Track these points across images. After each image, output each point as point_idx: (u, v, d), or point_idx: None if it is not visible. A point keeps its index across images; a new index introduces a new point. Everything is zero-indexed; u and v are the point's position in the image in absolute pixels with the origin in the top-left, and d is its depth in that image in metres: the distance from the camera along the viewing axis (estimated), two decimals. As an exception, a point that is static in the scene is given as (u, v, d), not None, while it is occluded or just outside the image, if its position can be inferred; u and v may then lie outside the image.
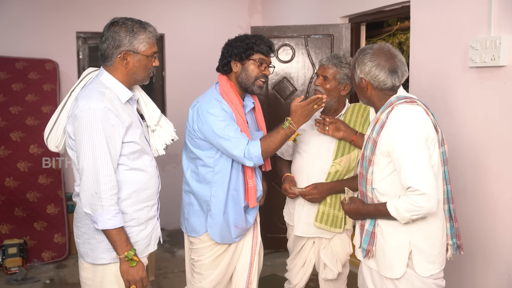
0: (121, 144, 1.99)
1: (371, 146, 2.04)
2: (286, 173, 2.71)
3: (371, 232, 2.09)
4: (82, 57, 4.97)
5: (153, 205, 2.18)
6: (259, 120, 2.65)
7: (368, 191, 2.08)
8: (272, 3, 5.35)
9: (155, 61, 2.12)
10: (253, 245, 2.63)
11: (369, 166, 2.05)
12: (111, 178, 1.94)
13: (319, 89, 2.56)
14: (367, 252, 2.10)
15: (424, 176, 1.89)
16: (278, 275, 3.84)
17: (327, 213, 2.59)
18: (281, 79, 4.24)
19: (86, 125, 1.92)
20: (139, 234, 2.11)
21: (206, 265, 2.51)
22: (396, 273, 2.04)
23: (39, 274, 4.12)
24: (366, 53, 2.06)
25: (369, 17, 3.86)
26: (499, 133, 2.54)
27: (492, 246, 2.61)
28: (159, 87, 5.30)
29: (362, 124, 2.61)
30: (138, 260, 2.00)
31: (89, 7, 4.83)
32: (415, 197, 1.89)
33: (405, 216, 1.93)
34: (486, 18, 2.56)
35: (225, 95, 2.43)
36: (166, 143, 2.31)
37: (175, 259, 4.51)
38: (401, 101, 2.02)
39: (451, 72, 2.83)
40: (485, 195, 2.63)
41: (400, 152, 1.92)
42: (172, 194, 4.45)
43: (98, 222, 1.93)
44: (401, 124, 1.95)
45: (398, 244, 2.03)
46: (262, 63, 2.45)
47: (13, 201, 4.23)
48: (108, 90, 2.03)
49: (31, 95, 4.37)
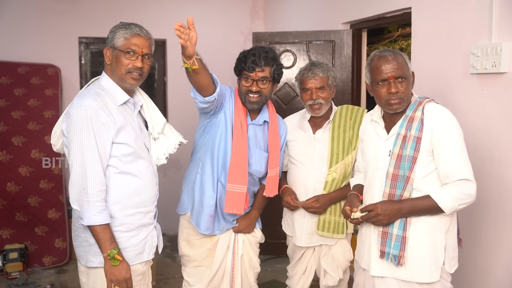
0: (111, 144, 2.01)
1: (412, 144, 2.02)
2: (284, 185, 2.71)
3: (401, 236, 2.02)
4: (84, 62, 4.98)
5: (147, 212, 2.15)
6: (270, 139, 2.58)
7: (406, 191, 2.02)
8: (273, 9, 5.37)
9: (135, 61, 2.06)
10: (234, 250, 2.61)
11: (413, 165, 2.02)
12: (98, 175, 1.95)
13: (320, 101, 2.55)
14: (399, 259, 2.02)
15: (470, 166, 2.01)
16: (279, 281, 3.84)
17: (328, 221, 2.59)
18: (283, 85, 4.25)
19: (76, 122, 1.96)
20: (130, 240, 2.09)
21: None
22: (435, 276, 2.01)
23: (40, 279, 4.11)
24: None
25: (371, 23, 3.87)
26: (500, 140, 2.54)
27: (493, 251, 2.61)
28: (160, 92, 5.31)
29: (352, 126, 2.58)
30: (121, 259, 1.98)
31: (91, 12, 4.86)
32: (465, 185, 1.97)
33: (454, 205, 1.97)
34: (487, 25, 2.57)
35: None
36: (169, 152, 2.28)
37: (176, 264, 4.50)
38: (427, 100, 2.09)
39: (452, 78, 2.83)
40: (486, 201, 2.62)
41: (449, 145, 1.99)
42: (173, 199, 4.44)
43: (84, 217, 1.94)
44: (447, 119, 2.03)
45: (435, 243, 2.02)
46: (248, 79, 2.44)
47: (14, 205, 4.23)
48: (105, 91, 2.07)
49: (33, 100, 4.38)
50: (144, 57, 2.09)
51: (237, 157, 2.44)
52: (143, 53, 2.08)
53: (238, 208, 2.47)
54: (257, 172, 2.57)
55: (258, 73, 2.41)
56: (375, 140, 2.20)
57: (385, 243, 2.05)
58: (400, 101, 2.07)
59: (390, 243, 2.03)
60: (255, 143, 2.55)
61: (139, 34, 2.07)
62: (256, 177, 2.61)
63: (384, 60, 2.06)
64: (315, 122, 2.66)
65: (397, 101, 2.07)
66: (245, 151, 2.46)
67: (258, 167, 2.56)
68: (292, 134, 2.72)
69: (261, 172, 2.59)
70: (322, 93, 2.55)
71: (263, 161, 2.57)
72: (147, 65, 2.12)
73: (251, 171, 2.53)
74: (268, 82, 2.46)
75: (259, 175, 2.60)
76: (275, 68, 2.46)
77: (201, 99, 2.28)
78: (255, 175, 2.58)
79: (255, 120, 2.54)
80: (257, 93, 2.43)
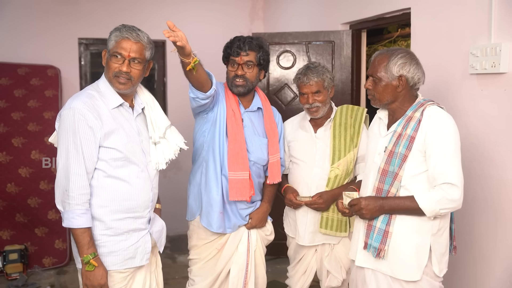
0: (97, 147, 1.99)
1: (406, 142, 2.06)
2: (286, 184, 2.72)
3: (384, 230, 2.08)
4: (84, 63, 4.99)
5: (138, 218, 2.12)
6: (266, 125, 2.64)
7: (393, 187, 2.07)
8: (273, 10, 5.38)
9: (121, 65, 2.01)
10: (248, 245, 2.61)
11: (403, 162, 2.05)
12: (81, 178, 1.95)
13: (317, 104, 2.58)
14: (379, 251, 2.07)
15: (459, 172, 2.01)
16: (279, 281, 3.83)
17: (331, 218, 2.60)
18: (283, 85, 4.25)
19: (64, 123, 1.97)
20: (117, 245, 2.06)
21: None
22: (415, 275, 2.03)
23: (40, 280, 4.11)
24: (401, 52, 2.13)
25: (370, 23, 3.87)
26: (499, 140, 2.54)
27: (493, 252, 2.61)
28: (160, 93, 5.32)
29: (352, 124, 2.62)
30: (97, 265, 1.97)
31: (90, 13, 4.86)
32: (449, 189, 1.97)
33: (435, 208, 1.97)
34: (486, 25, 2.57)
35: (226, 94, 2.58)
36: (169, 157, 2.23)
37: (176, 265, 4.50)
38: (430, 103, 2.12)
39: (451, 78, 2.84)
40: (486, 202, 2.63)
41: (440, 148, 2.00)
42: (173, 200, 4.45)
43: (64, 219, 1.97)
44: (444, 122, 2.04)
45: (419, 244, 2.04)
46: (234, 64, 2.52)
47: (14, 207, 4.23)
48: (99, 94, 2.05)
49: (33, 101, 4.38)
50: (132, 61, 2.03)
51: (234, 144, 2.47)
52: (130, 57, 2.01)
53: (243, 194, 2.47)
54: (260, 160, 2.59)
55: (243, 57, 2.49)
56: (376, 136, 2.26)
57: (369, 235, 2.12)
58: (371, 97, 2.20)
59: (373, 235, 2.10)
60: (252, 130, 2.58)
61: (127, 37, 2.01)
62: (260, 166, 2.62)
63: (372, 57, 2.21)
64: (316, 121, 2.69)
65: (370, 97, 2.20)
66: (241, 137, 2.49)
67: (260, 154, 2.58)
68: (293, 135, 2.75)
69: (263, 159, 2.60)
70: (318, 97, 2.58)
71: (264, 147, 2.60)
72: (136, 70, 2.04)
73: (254, 159, 2.56)
74: (253, 67, 2.52)
75: (262, 162, 2.61)
76: (260, 54, 2.52)
77: (202, 96, 2.32)
78: (258, 163, 2.60)
79: (248, 108, 2.60)
80: (242, 77, 2.50)
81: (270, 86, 4.23)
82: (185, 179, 2.81)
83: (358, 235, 2.21)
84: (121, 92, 2.08)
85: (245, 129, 2.55)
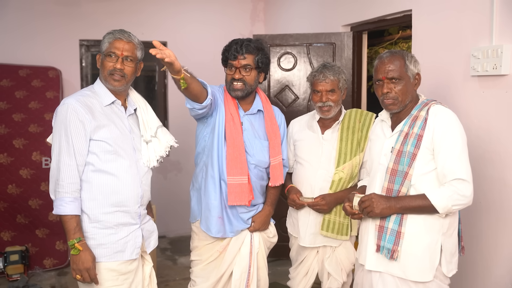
0: (88, 140, 2.10)
1: (414, 140, 2.07)
2: (290, 184, 2.72)
3: (396, 231, 2.06)
4: (85, 65, 4.99)
5: (128, 212, 2.19)
6: (267, 127, 2.61)
7: (404, 187, 2.06)
8: (274, 12, 5.38)
9: (115, 63, 2.15)
10: (251, 248, 2.61)
11: (412, 161, 2.06)
12: (71, 168, 2.06)
13: (330, 103, 2.57)
14: (392, 253, 2.05)
15: (468, 168, 2.02)
16: (280, 283, 3.83)
17: (333, 221, 2.59)
18: (283, 87, 4.25)
19: (57, 118, 2.11)
20: (107, 238, 2.14)
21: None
22: (428, 276, 2.02)
23: (41, 281, 4.11)
24: (406, 51, 2.18)
25: (371, 25, 3.87)
26: (501, 142, 2.54)
27: (494, 252, 2.61)
28: (161, 94, 5.31)
29: (360, 129, 2.62)
30: (82, 249, 2.04)
31: (91, 15, 4.87)
32: (460, 185, 1.97)
33: (447, 204, 1.97)
34: (487, 27, 2.57)
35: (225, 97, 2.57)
36: (160, 154, 2.34)
37: (177, 266, 4.50)
38: (434, 102, 2.14)
39: (452, 80, 2.84)
40: (488, 203, 2.63)
41: (448, 144, 2.01)
42: (173, 201, 4.46)
43: (54, 207, 2.07)
44: (450, 120, 2.06)
45: (430, 243, 2.03)
46: (231, 68, 2.51)
47: (15, 208, 4.23)
48: (94, 93, 2.20)
49: (34, 103, 4.38)
50: (125, 59, 2.17)
51: (232, 149, 2.46)
52: (123, 56, 2.16)
53: (242, 199, 2.47)
54: (261, 162, 2.58)
55: (240, 61, 2.47)
56: (380, 138, 2.26)
57: (381, 237, 2.09)
58: (393, 101, 2.14)
59: (385, 236, 2.08)
60: (253, 133, 2.57)
61: (120, 38, 2.17)
62: (262, 168, 2.61)
63: (381, 61, 2.16)
64: (324, 123, 2.69)
65: (390, 101, 2.14)
66: (240, 141, 2.48)
67: (261, 157, 2.57)
68: (300, 134, 2.74)
69: (265, 161, 2.59)
70: (332, 96, 2.58)
71: (265, 150, 2.58)
72: (129, 67, 2.19)
73: (255, 162, 2.55)
74: (251, 70, 2.50)
75: (264, 165, 2.60)
76: (259, 57, 2.50)
77: (199, 107, 2.35)
78: (260, 166, 2.58)
79: (248, 110, 2.59)
80: (240, 80, 2.49)
81: (271, 88, 4.24)
82: (186, 180, 2.82)
83: (367, 238, 2.18)
84: (116, 89, 2.20)
85: (245, 132, 2.53)
